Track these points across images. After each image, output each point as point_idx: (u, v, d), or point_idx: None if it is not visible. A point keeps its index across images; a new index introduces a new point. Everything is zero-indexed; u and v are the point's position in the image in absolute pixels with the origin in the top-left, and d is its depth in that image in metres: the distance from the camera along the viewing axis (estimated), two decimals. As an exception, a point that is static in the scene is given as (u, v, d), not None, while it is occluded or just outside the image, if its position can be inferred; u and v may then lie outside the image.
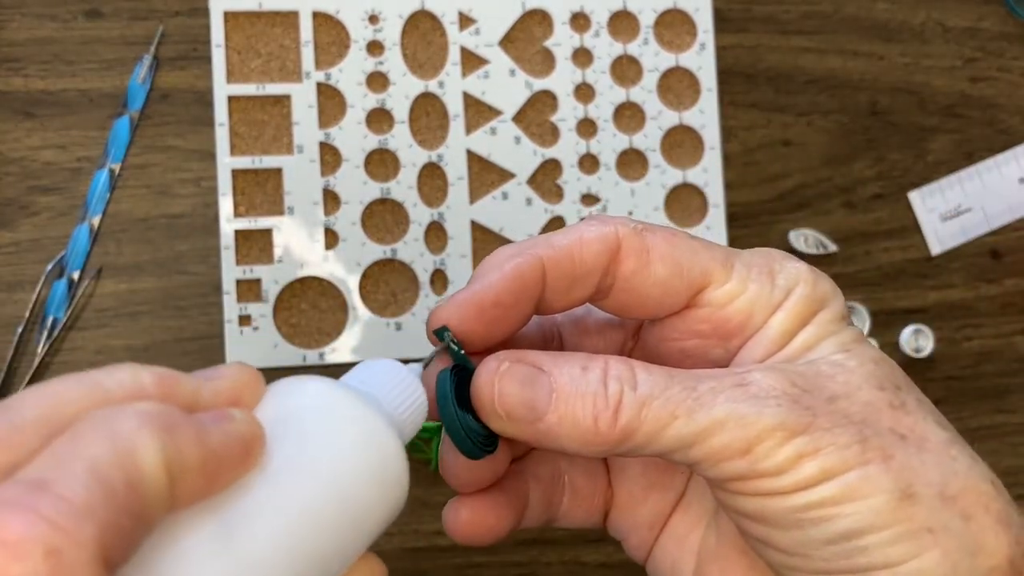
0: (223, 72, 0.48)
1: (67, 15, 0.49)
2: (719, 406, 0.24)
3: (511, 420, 0.25)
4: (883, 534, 0.23)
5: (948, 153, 0.54)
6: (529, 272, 0.26)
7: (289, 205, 0.48)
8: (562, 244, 0.26)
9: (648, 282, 0.27)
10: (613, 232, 0.27)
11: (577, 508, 0.30)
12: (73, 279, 0.48)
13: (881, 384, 0.25)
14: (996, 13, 0.55)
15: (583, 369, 0.25)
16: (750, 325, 0.27)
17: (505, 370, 0.25)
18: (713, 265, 0.27)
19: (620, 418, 0.24)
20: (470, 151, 0.49)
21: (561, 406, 0.25)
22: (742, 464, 0.24)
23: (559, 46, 0.50)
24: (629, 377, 0.25)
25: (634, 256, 0.27)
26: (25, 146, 0.48)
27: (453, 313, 0.26)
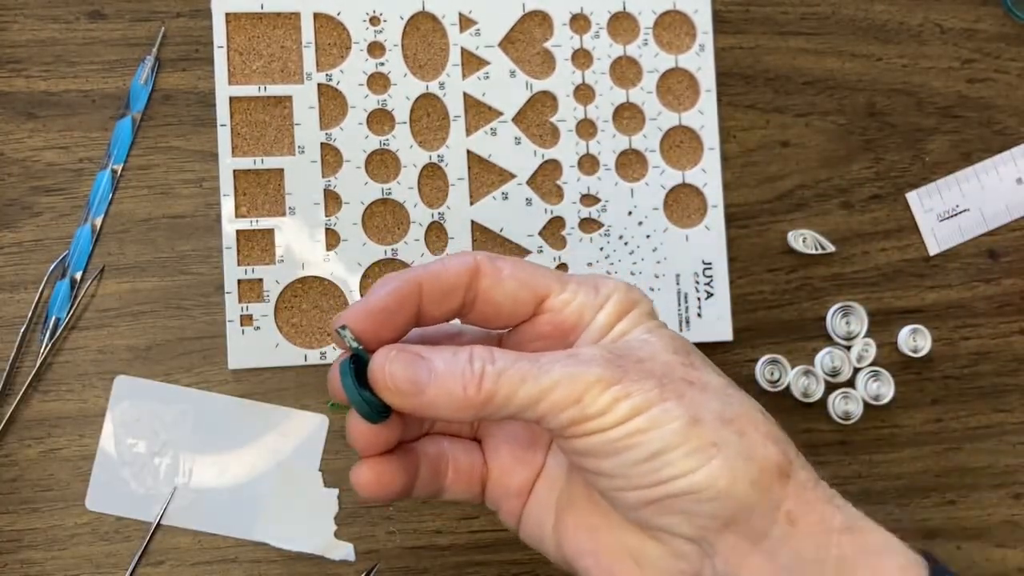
0: (225, 73, 0.48)
1: (69, 16, 0.49)
2: (556, 370, 0.31)
3: (399, 394, 0.32)
4: (680, 450, 0.31)
5: (946, 154, 0.54)
6: (407, 287, 0.33)
7: (290, 205, 0.48)
8: (432, 267, 0.34)
9: (502, 295, 0.34)
10: (472, 258, 0.34)
11: (459, 481, 0.37)
12: (75, 279, 0.48)
13: (676, 351, 0.33)
14: (993, 14, 0.55)
15: (453, 354, 0.32)
16: (581, 323, 0.34)
17: (394, 356, 0.32)
18: (551, 280, 0.35)
19: (483, 386, 0.31)
20: (470, 152, 0.50)
21: (438, 380, 0.32)
22: (575, 411, 0.31)
23: (559, 47, 0.51)
24: (489, 357, 0.32)
25: (489, 275, 0.34)
26: (28, 147, 0.49)
27: (350, 316, 0.33)
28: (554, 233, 0.50)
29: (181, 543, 0.48)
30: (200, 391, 0.49)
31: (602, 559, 0.34)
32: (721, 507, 0.31)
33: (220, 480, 0.48)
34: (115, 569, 0.48)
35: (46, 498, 0.48)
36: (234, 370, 0.48)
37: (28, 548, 0.47)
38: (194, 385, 0.49)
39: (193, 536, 0.48)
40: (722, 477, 0.31)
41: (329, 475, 0.49)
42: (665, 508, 0.31)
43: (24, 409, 0.48)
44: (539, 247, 0.50)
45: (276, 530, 0.48)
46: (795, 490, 0.32)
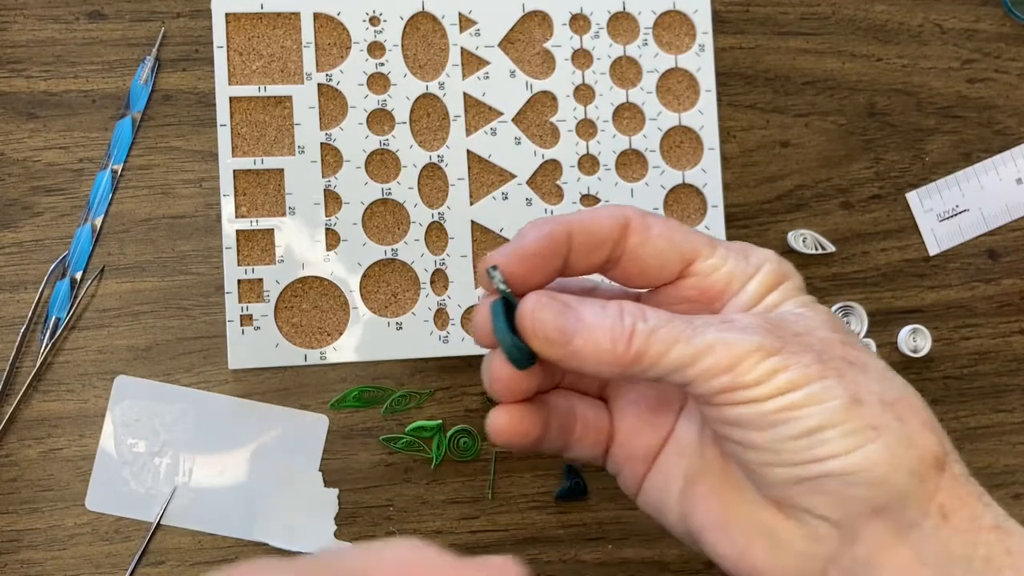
0: (225, 73, 0.48)
1: (69, 16, 0.49)
2: (710, 334, 0.30)
3: (547, 342, 0.31)
4: (838, 429, 0.29)
5: (946, 154, 0.54)
6: (560, 233, 0.32)
7: (290, 206, 0.48)
8: (583, 217, 0.33)
9: (649, 254, 0.33)
10: (623, 212, 0.33)
11: (586, 438, 0.36)
12: (75, 279, 0.48)
13: (833, 328, 0.32)
14: (993, 15, 0.55)
15: (602, 307, 0.31)
16: (729, 290, 0.33)
17: (545, 302, 0.31)
18: (700, 243, 0.34)
19: (634, 342, 0.30)
20: (470, 152, 0.50)
21: (586, 332, 0.31)
22: (727, 378, 0.30)
23: (559, 47, 0.51)
24: (640, 313, 0.31)
25: (639, 232, 0.33)
26: (28, 147, 0.49)
27: (501, 257, 0.32)
28: (554, 233, 0.50)
29: (181, 543, 0.48)
30: (200, 391, 0.49)
31: (732, 534, 0.33)
32: (875, 493, 0.30)
33: (220, 480, 0.48)
34: (115, 569, 0.48)
35: (46, 498, 0.48)
36: (234, 370, 0.48)
37: (28, 548, 0.47)
38: (194, 385, 0.49)
39: (193, 536, 0.48)
40: (881, 462, 0.29)
41: (329, 475, 0.49)
42: (813, 488, 0.30)
43: (24, 409, 0.48)
44: (539, 247, 0.50)
45: (276, 530, 0.48)
46: (949, 483, 0.30)
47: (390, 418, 0.50)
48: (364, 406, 0.50)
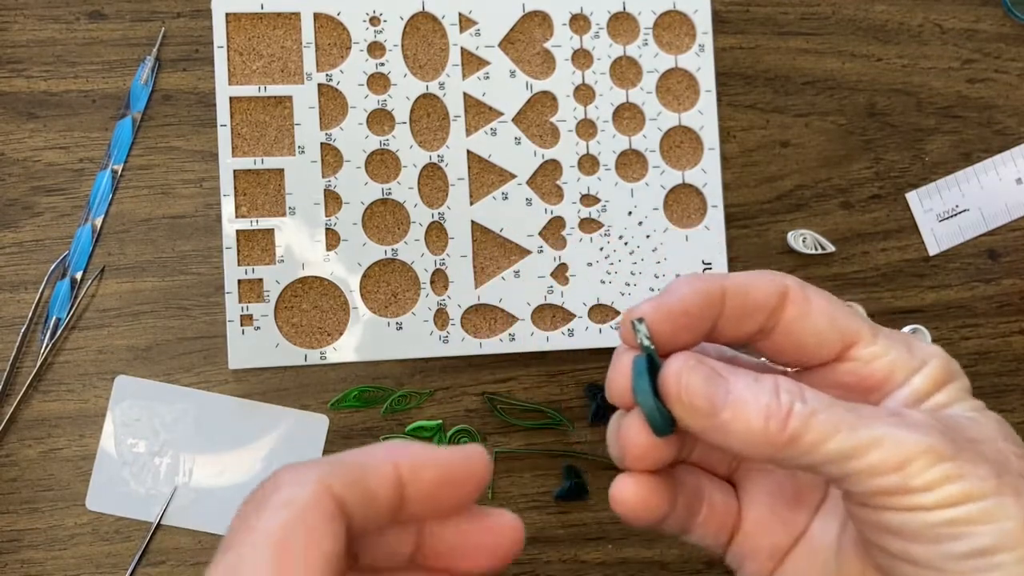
0: (225, 73, 0.48)
1: (70, 16, 0.49)
2: (878, 427, 0.27)
3: (691, 410, 0.28)
4: (1013, 554, 0.26)
5: (945, 154, 0.54)
6: (715, 292, 0.30)
7: (291, 206, 0.48)
8: (738, 280, 0.30)
9: (807, 330, 0.30)
10: (782, 280, 0.31)
11: (710, 523, 0.33)
12: (76, 279, 0.48)
13: (1007, 438, 0.29)
14: (993, 15, 0.55)
15: (756, 380, 0.28)
16: (891, 382, 0.30)
17: (692, 365, 0.29)
18: (862, 326, 0.31)
19: (790, 423, 0.28)
20: (470, 152, 0.50)
21: (736, 406, 0.28)
22: (894, 478, 0.27)
23: (559, 47, 0.51)
24: (798, 392, 0.28)
25: (798, 304, 0.30)
26: (28, 147, 0.49)
27: (649, 311, 0.30)
28: (554, 233, 0.50)
29: (181, 543, 0.48)
30: (200, 391, 0.49)
31: None
32: None
33: (220, 480, 0.48)
34: (115, 569, 0.48)
35: (46, 498, 0.48)
36: (234, 370, 0.48)
37: (28, 548, 0.47)
38: (194, 385, 0.49)
39: (193, 536, 0.48)
40: None
41: (329, 475, 0.49)
42: None
43: (24, 409, 0.48)
44: (539, 247, 0.50)
45: (276, 530, 0.48)
46: None
47: (390, 418, 0.50)
48: (364, 406, 0.50)
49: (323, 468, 0.25)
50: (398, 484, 0.25)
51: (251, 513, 0.24)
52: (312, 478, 0.24)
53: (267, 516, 0.23)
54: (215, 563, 0.24)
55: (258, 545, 0.23)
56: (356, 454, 0.26)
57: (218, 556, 0.24)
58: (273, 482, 0.25)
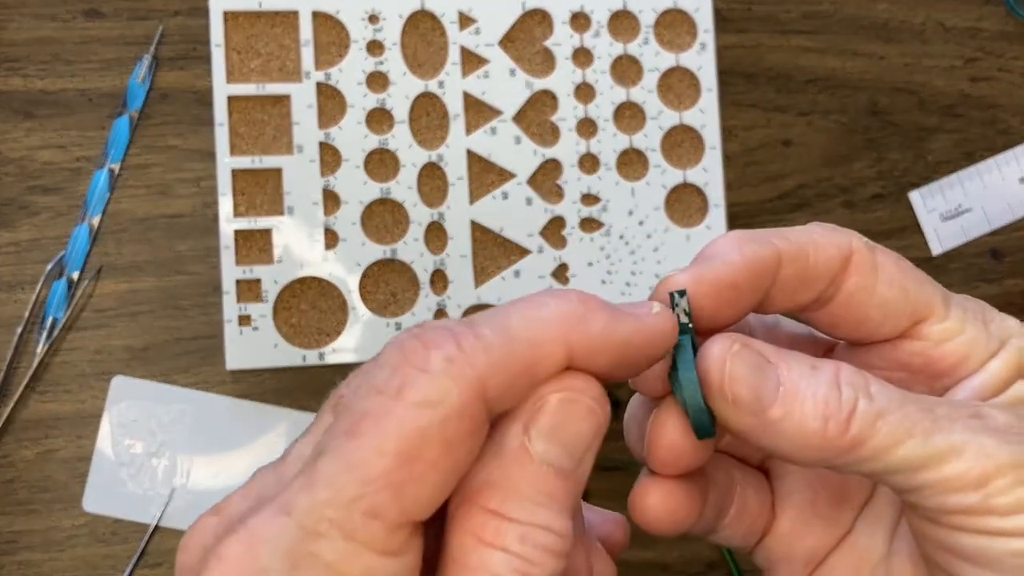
0: (223, 72, 0.48)
1: (66, 15, 0.49)
2: (958, 432, 0.23)
3: (735, 406, 0.24)
4: None
5: (948, 153, 0.54)
6: (768, 260, 0.25)
7: (289, 205, 0.48)
8: (798, 240, 0.25)
9: (872, 301, 0.26)
10: (847, 241, 0.26)
11: (740, 522, 0.29)
12: (73, 279, 0.48)
13: None
14: (996, 13, 0.55)
15: (812, 368, 0.24)
16: (963, 367, 0.26)
17: (737, 351, 0.24)
18: (935, 299, 0.26)
19: (852, 425, 0.23)
20: (470, 151, 0.49)
21: (788, 401, 0.23)
22: (974, 497, 0.23)
23: (559, 46, 0.50)
24: (863, 385, 0.23)
25: (863, 271, 0.25)
26: (24, 146, 0.48)
27: (690, 282, 0.24)
28: (554, 233, 0.50)
29: (179, 545, 0.48)
30: (198, 392, 0.48)
31: None
32: None
33: (218, 481, 0.48)
34: (113, 571, 0.47)
35: (43, 499, 0.47)
36: (232, 370, 0.48)
37: (25, 550, 0.47)
38: (192, 386, 0.48)
39: (191, 538, 0.48)
40: None
41: (328, 476, 0.49)
42: None
43: (21, 410, 0.48)
44: (539, 247, 0.49)
45: (274, 532, 0.48)
46: None
47: (389, 419, 0.50)
48: (363, 407, 0.50)
49: (486, 358, 0.20)
50: (567, 363, 0.22)
51: (391, 387, 0.20)
52: (471, 374, 0.20)
53: (404, 410, 0.20)
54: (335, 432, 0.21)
55: (384, 448, 0.20)
56: (524, 327, 0.21)
57: (338, 422, 0.21)
58: (424, 352, 0.21)
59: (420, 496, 0.20)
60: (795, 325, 0.29)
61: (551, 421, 0.21)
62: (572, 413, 0.22)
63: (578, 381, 0.22)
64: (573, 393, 0.22)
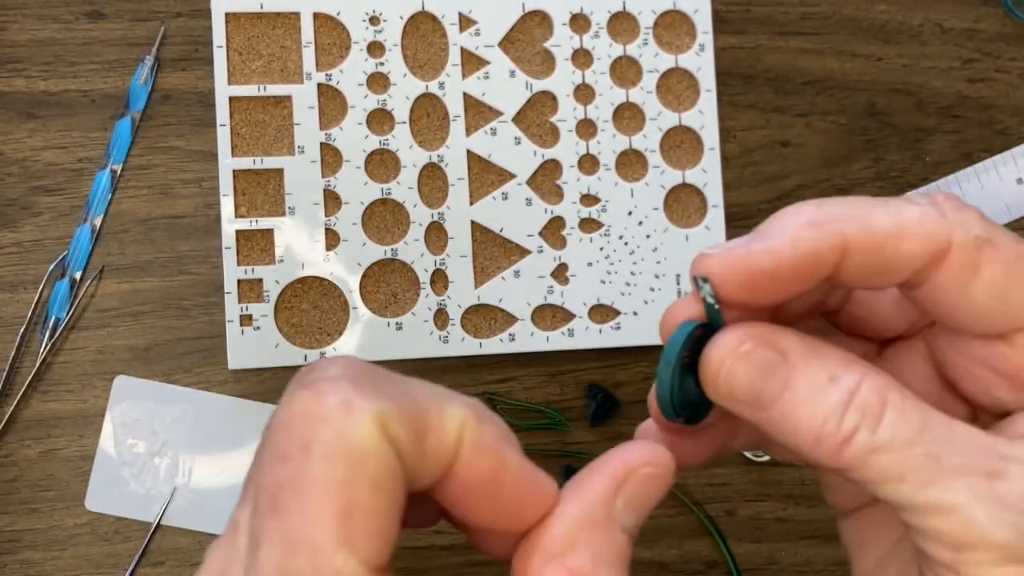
0: (224, 73, 0.48)
1: (69, 16, 0.49)
2: (953, 492, 0.21)
3: (730, 400, 0.23)
4: None
5: (946, 154, 0.54)
6: (826, 254, 0.22)
7: (290, 206, 0.48)
8: (878, 228, 0.22)
9: (962, 302, 0.23)
10: (946, 236, 0.22)
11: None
12: (75, 279, 0.48)
13: None
14: (994, 14, 0.55)
15: (830, 379, 0.22)
16: None
17: (744, 352, 0.23)
18: None
19: (843, 453, 0.22)
20: (470, 152, 0.50)
21: (788, 406, 0.23)
22: (949, 555, 0.22)
23: (559, 47, 0.51)
24: (876, 410, 0.22)
25: (958, 271, 0.23)
26: (27, 147, 0.49)
27: (720, 266, 0.23)
28: (554, 233, 0.50)
29: (181, 543, 0.48)
30: (200, 391, 0.48)
31: None
32: None
33: (220, 480, 0.48)
34: (115, 570, 0.47)
35: (46, 498, 0.47)
36: (234, 370, 0.48)
37: (28, 548, 0.47)
38: (194, 385, 0.49)
39: (193, 536, 0.48)
40: None
41: (329, 475, 0.49)
42: None
43: (24, 409, 0.48)
44: (539, 247, 0.50)
45: (276, 530, 0.48)
46: None
47: (390, 418, 0.50)
48: (364, 406, 0.50)
49: (381, 396, 0.20)
50: (454, 454, 0.21)
51: (294, 449, 0.19)
52: (371, 408, 0.20)
53: (318, 468, 0.19)
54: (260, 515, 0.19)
55: (316, 516, 0.19)
56: (423, 393, 0.22)
57: (259, 502, 0.20)
58: (318, 402, 0.20)
59: (374, 543, 0.19)
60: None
61: (638, 493, 0.22)
62: (654, 487, 0.23)
63: (664, 457, 0.23)
64: (660, 469, 0.23)
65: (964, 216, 0.23)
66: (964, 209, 0.23)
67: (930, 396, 0.25)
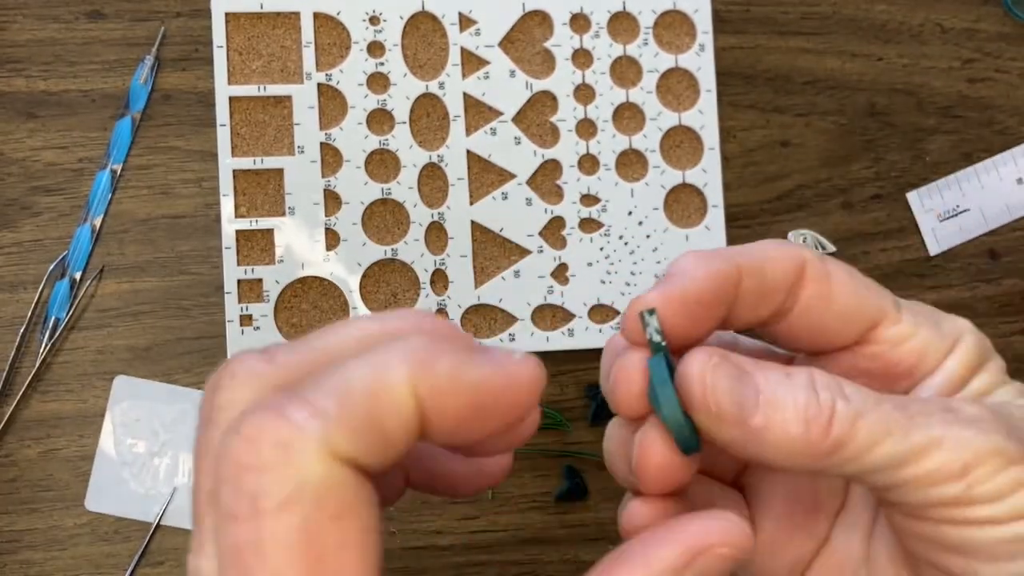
0: (224, 73, 0.48)
1: (69, 16, 0.49)
2: (935, 427, 0.23)
3: (719, 417, 0.24)
4: None
5: (946, 154, 0.54)
6: (730, 276, 0.25)
7: (290, 205, 0.48)
8: (754, 255, 0.26)
9: (829, 308, 0.26)
10: (798, 253, 0.26)
11: None
12: (75, 279, 0.48)
13: None
14: (994, 14, 0.55)
15: (788, 375, 0.24)
16: (921, 368, 0.26)
17: (716, 363, 0.24)
18: (886, 303, 0.27)
19: (833, 427, 0.23)
20: (470, 152, 0.50)
21: (769, 409, 0.23)
22: (957, 487, 0.23)
23: (559, 47, 0.51)
24: (837, 388, 0.24)
25: (817, 281, 0.26)
26: (27, 147, 0.49)
27: (660, 301, 0.25)
28: (554, 233, 0.50)
29: (181, 543, 0.48)
30: (200, 391, 0.48)
31: None
32: None
33: (220, 480, 0.48)
34: (115, 569, 0.47)
35: (45, 498, 0.47)
36: (234, 370, 0.48)
37: (27, 548, 0.47)
38: (194, 385, 0.48)
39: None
40: None
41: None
42: None
43: (24, 409, 0.48)
44: (539, 247, 0.50)
45: (276, 530, 0.48)
46: None
47: (390, 418, 0.50)
48: (364, 406, 0.50)
49: (324, 426, 0.19)
50: (419, 416, 0.20)
51: (242, 507, 0.18)
52: (315, 447, 0.18)
53: (272, 523, 0.18)
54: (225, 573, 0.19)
55: (283, 572, 0.18)
56: (363, 378, 0.19)
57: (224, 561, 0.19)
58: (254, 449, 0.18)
59: (352, 571, 0.19)
60: (752, 342, 0.29)
61: (707, 570, 0.22)
62: (726, 566, 0.22)
63: (743, 539, 0.22)
64: (736, 551, 0.22)
65: (799, 245, 0.27)
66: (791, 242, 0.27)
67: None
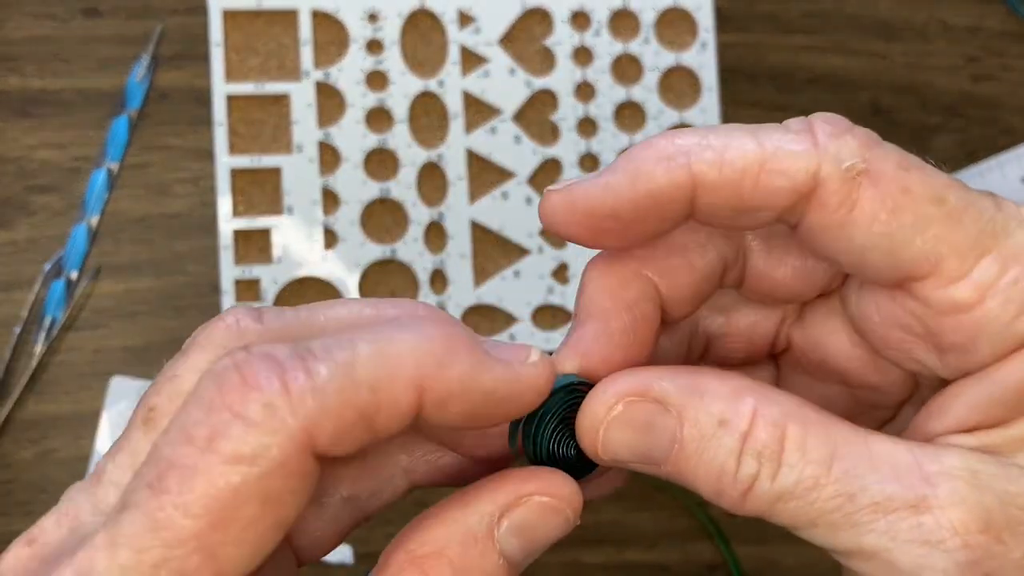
0: (222, 71, 0.48)
1: (65, 14, 0.49)
2: (874, 535, 0.19)
3: (621, 464, 0.21)
4: None
5: (950, 152, 0.54)
6: (670, 192, 0.20)
7: (288, 205, 0.48)
8: (733, 163, 0.20)
9: (842, 247, 0.20)
10: (811, 167, 0.20)
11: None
12: (71, 279, 0.48)
13: None
14: (998, 12, 0.55)
15: (720, 424, 0.20)
16: (973, 354, 0.20)
17: (617, 415, 0.21)
18: (946, 251, 0.19)
19: (746, 503, 0.20)
20: (470, 150, 0.49)
21: (680, 461, 0.20)
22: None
23: (559, 45, 0.50)
24: (774, 451, 0.20)
25: (830, 210, 0.20)
26: (23, 145, 0.48)
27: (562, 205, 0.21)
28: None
29: None
30: (197, 392, 0.48)
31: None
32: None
33: (217, 482, 0.48)
34: (111, 572, 0.47)
35: (42, 500, 0.47)
36: (231, 371, 0.48)
37: (23, 550, 0.47)
38: (191, 386, 0.48)
39: (190, 538, 0.48)
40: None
41: (327, 477, 0.49)
42: None
43: (19, 410, 0.47)
44: (539, 247, 0.49)
45: (274, 532, 0.48)
46: None
47: (389, 419, 0.49)
48: (362, 407, 0.49)
49: (314, 404, 0.18)
50: (414, 415, 0.19)
51: (201, 436, 0.18)
52: (294, 424, 0.18)
53: (215, 466, 0.18)
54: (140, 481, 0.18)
55: (192, 509, 0.17)
56: (370, 365, 0.18)
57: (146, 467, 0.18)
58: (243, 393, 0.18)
59: (237, 557, 0.18)
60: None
61: (528, 521, 0.20)
62: (550, 520, 0.20)
63: (565, 490, 0.20)
64: (559, 503, 0.20)
65: (839, 143, 0.20)
66: (843, 134, 0.20)
67: (857, 362, 0.23)
